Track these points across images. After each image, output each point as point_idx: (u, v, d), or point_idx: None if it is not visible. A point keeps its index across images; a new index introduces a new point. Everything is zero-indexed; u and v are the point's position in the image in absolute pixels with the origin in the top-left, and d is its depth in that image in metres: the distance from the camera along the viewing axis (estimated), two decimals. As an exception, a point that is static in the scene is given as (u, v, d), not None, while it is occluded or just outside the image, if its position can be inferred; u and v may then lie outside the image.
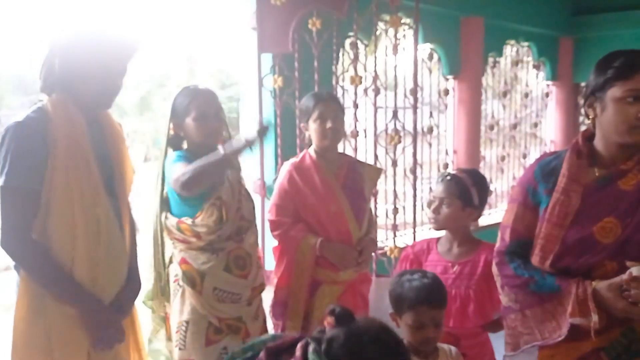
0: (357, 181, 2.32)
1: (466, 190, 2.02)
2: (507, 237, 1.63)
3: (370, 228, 2.35)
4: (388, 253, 2.99)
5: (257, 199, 2.89)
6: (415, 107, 3.13)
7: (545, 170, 1.56)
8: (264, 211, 2.84)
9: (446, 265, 2.02)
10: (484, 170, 4.79)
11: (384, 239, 3.46)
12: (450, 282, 1.98)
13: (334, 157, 2.30)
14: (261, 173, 2.91)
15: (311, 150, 2.28)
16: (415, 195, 3.22)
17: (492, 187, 4.92)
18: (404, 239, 3.56)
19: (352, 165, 2.36)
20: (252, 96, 2.99)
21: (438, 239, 2.13)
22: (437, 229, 2.11)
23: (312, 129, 2.23)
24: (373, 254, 3.10)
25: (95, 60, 1.61)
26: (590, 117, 1.49)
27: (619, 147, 1.47)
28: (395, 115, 3.07)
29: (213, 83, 17.35)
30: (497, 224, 5.13)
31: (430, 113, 4.30)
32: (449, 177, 2.09)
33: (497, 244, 1.67)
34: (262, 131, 1.87)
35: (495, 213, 4.92)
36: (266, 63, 2.90)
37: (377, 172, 2.51)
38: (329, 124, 2.18)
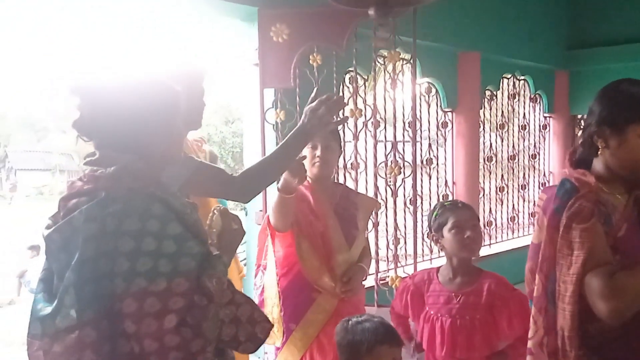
0: (349, 209, 2.32)
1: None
2: None
3: (364, 257, 2.33)
4: (389, 283, 3.00)
5: (257, 229, 2.92)
6: (414, 140, 3.18)
7: None
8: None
9: (449, 295, 2.03)
10: (483, 201, 4.83)
11: (386, 270, 3.47)
12: (455, 312, 1.99)
13: (327, 186, 2.32)
14: (264, 204, 2.95)
15: (308, 178, 2.28)
16: (415, 226, 3.24)
17: (491, 218, 4.94)
18: (406, 269, 3.57)
19: (346, 193, 2.38)
20: (255, 130, 3.05)
21: (438, 269, 2.15)
22: (476, 256, 2.06)
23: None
24: (375, 284, 3.13)
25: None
26: (602, 147, 1.41)
27: (623, 180, 1.43)
28: (394, 147, 3.13)
29: (217, 119, 17.52)
30: (498, 254, 5.12)
31: (429, 145, 4.37)
32: (460, 205, 2.10)
33: None
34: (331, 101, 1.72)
35: (496, 245, 4.94)
36: (268, 98, 2.97)
37: (371, 202, 2.51)
38: (318, 152, 2.21)
